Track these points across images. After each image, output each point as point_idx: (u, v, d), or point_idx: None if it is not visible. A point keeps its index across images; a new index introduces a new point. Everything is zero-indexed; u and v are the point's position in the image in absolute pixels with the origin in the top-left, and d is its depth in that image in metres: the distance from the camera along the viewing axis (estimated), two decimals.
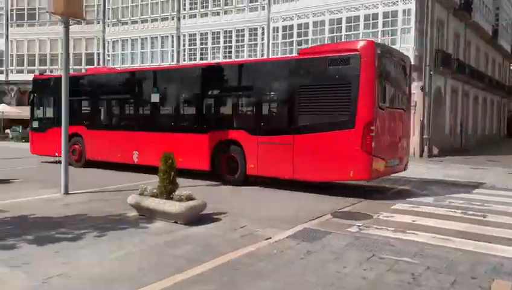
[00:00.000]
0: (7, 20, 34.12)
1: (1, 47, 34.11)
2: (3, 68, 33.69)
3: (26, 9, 32.94)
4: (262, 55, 27.33)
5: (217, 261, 4.87)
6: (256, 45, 27.63)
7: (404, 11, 21.47)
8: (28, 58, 33.32)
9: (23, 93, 31.04)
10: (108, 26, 32.17)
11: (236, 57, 28.18)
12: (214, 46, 28.91)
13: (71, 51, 32.40)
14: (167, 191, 6.81)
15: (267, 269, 4.65)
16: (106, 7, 32.14)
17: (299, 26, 25.99)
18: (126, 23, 31.53)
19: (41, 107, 15.86)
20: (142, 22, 31.06)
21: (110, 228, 6.30)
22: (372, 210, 7.84)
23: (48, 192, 9.28)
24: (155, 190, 7.02)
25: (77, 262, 4.77)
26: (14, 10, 33.73)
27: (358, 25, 22.85)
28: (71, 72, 28.89)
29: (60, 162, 9.81)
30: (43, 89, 15.78)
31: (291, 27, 26.28)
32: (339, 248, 5.45)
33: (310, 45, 23.80)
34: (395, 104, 10.06)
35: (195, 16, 29.55)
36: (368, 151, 8.69)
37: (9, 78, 33.75)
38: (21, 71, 33.01)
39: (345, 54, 9.09)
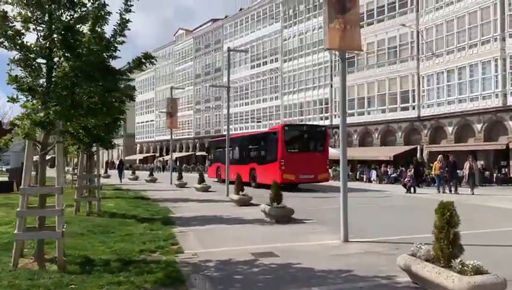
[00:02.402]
0: (331, 71, 38.10)
1: (326, 95, 38.23)
2: (328, 114, 37.51)
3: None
4: None
5: None
6: None
7: None
8: (348, 102, 35.82)
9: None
10: (422, 61, 30.95)
11: None
12: None
13: (386, 91, 33.08)
14: (445, 257, 4.92)
15: None
16: (420, 42, 31.09)
17: None
18: (441, 54, 29.49)
19: (212, 154, 32.95)
20: (459, 50, 28.32)
21: None
22: None
23: (329, 237, 8.74)
24: (432, 252, 5.24)
25: None
26: (337, 61, 37.26)
27: None
28: (385, 111, 29.24)
29: (219, 181, 28.65)
30: (214, 145, 32.70)
31: None
32: None
33: None
34: (303, 149, 22.58)
35: None
36: (281, 170, 21.18)
37: (333, 123, 37.16)
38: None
39: (276, 130, 23.85)
